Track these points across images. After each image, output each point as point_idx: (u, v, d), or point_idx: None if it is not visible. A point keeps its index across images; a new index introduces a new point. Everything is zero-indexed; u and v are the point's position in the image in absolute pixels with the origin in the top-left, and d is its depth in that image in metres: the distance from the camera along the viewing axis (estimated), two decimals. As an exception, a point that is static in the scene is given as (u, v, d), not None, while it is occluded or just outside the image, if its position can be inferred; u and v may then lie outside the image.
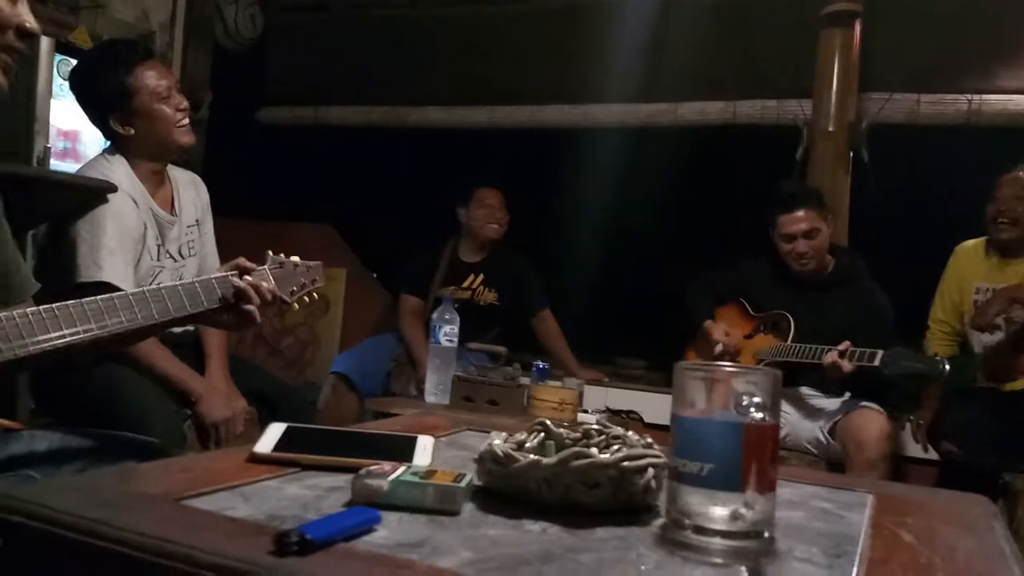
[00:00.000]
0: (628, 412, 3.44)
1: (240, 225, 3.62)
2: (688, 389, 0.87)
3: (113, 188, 1.96)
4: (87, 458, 1.40)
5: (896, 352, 2.42)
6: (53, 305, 1.15)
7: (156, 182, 2.10)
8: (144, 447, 1.48)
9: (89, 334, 1.17)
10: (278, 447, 1.01)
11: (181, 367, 1.99)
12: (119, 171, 2.01)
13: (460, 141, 4.19)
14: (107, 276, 1.90)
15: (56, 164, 2.95)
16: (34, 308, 1.14)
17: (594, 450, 0.95)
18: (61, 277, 1.91)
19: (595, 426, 1.01)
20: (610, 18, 3.85)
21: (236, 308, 1.38)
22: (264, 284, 1.44)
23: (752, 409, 0.82)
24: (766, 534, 0.83)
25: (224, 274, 1.40)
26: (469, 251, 3.47)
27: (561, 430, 1.01)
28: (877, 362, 2.44)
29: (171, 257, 2.13)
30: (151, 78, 2.00)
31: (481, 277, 3.45)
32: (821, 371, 2.59)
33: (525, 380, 2.93)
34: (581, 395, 2.79)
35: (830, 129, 3.32)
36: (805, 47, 3.41)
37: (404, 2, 4.22)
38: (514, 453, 0.90)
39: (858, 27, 3.32)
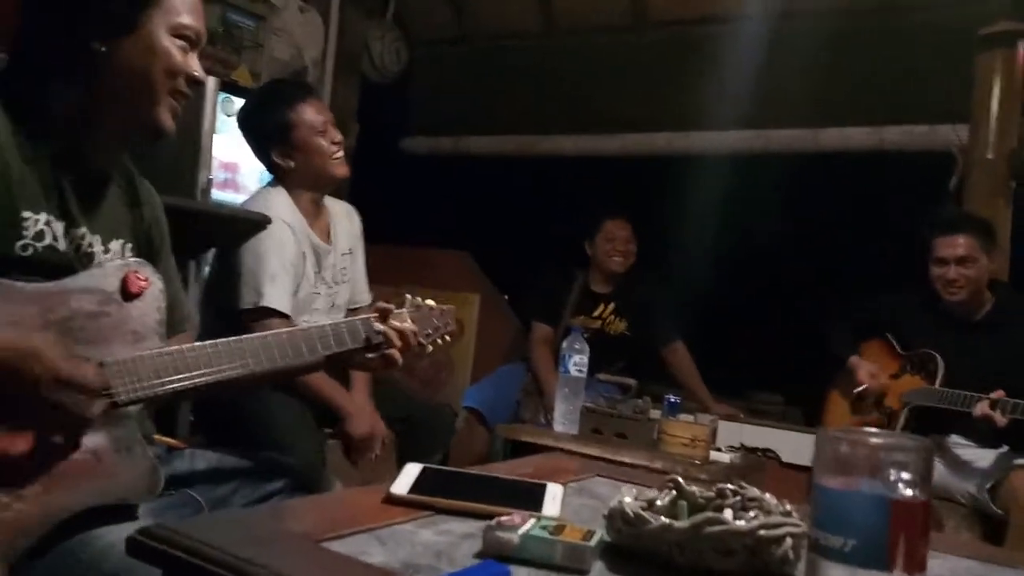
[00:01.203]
0: (764, 450, 3.33)
1: (384, 250, 3.77)
2: (831, 457, 0.83)
3: (268, 220, 2.09)
4: (239, 478, 1.49)
5: None
6: (207, 343, 1.24)
7: (314, 212, 2.23)
8: (290, 469, 1.57)
9: (229, 377, 1.25)
10: (414, 489, 1.05)
11: (334, 386, 2.09)
12: (280, 202, 2.15)
13: (591, 169, 4.21)
14: (268, 302, 2.03)
15: (217, 193, 3.18)
16: (193, 345, 1.23)
17: (728, 514, 0.92)
18: (227, 303, 2.06)
19: (730, 487, 0.98)
20: (748, 43, 3.76)
21: (378, 350, 1.44)
22: (406, 327, 1.49)
23: (901, 484, 0.78)
24: (913, 618, 0.78)
25: (368, 317, 1.46)
26: (599, 281, 3.47)
27: (693, 488, 0.99)
28: None
29: (326, 283, 2.26)
30: (310, 113, 2.14)
31: (612, 306, 3.44)
32: (973, 420, 2.42)
33: (656, 413, 2.90)
34: (714, 432, 2.73)
35: (989, 157, 3.11)
36: (961, 68, 3.22)
37: (538, 32, 4.29)
38: (644, 514, 0.89)
39: (1021, 48, 3.11)
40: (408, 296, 1.62)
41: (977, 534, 2.57)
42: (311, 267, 2.19)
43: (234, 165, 3.25)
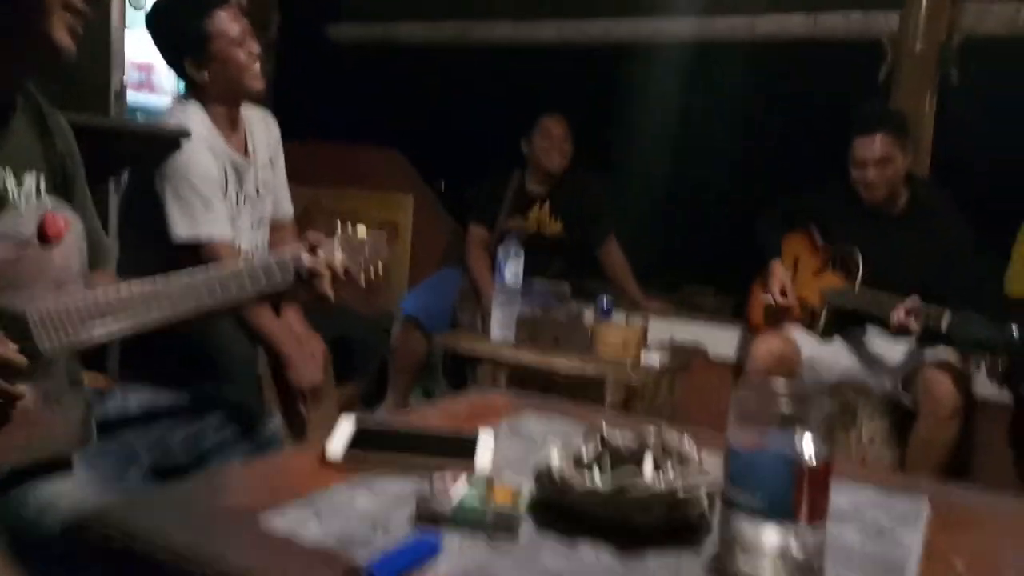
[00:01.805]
0: (694, 346, 3.44)
1: (309, 148, 3.66)
2: (743, 417, 0.87)
3: (187, 133, 2.00)
4: (174, 417, 1.50)
5: (964, 318, 2.33)
6: (133, 284, 1.21)
7: (230, 126, 2.14)
8: (226, 403, 1.58)
9: (155, 321, 1.23)
10: (349, 449, 1.07)
11: (273, 322, 2.06)
12: (195, 118, 2.05)
13: (527, 59, 4.09)
14: (208, 231, 1.98)
15: (133, 96, 3.01)
16: (119, 287, 1.20)
17: (649, 464, 0.98)
18: (148, 233, 1.99)
19: (652, 430, 1.03)
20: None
21: (309, 285, 1.43)
22: (336, 259, 1.47)
23: (805, 446, 0.83)
24: (815, 565, 0.85)
25: (296, 248, 1.43)
26: (535, 182, 3.44)
27: (616, 435, 1.03)
28: (944, 327, 2.36)
29: (249, 199, 2.20)
30: (227, 22, 2.03)
31: (547, 207, 3.44)
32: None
33: (590, 313, 2.97)
34: (645, 332, 2.81)
35: (918, 48, 3.12)
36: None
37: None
38: (570, 478, 0.93)
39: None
40: (339, 223, 1.59)
41: (887, 424, 2.75)
42: (232, 184, 2.12)
43: (148, 65, 3.07)
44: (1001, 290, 2.70)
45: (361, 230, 1.62)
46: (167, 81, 3.13)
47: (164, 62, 2.12)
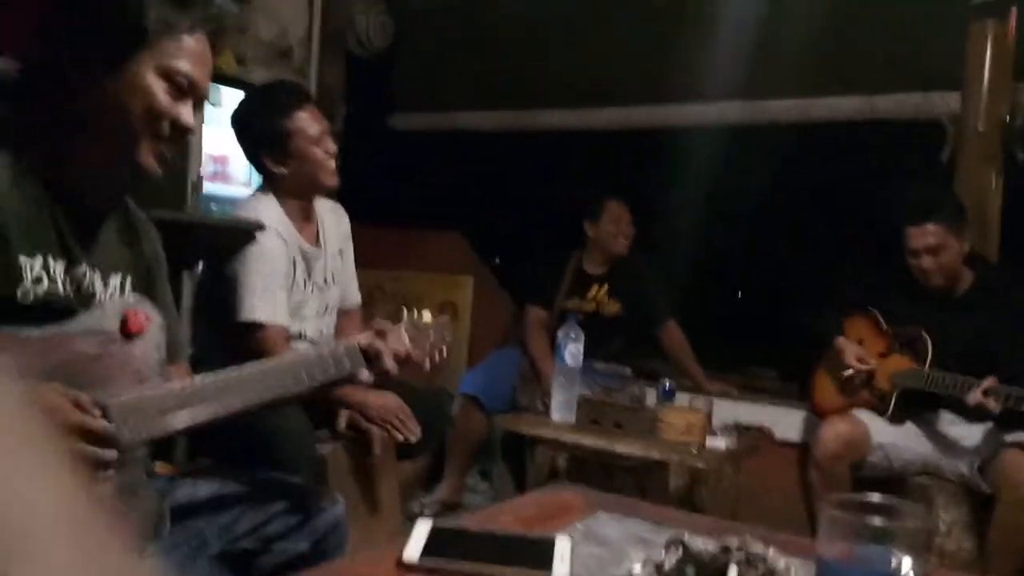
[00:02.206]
0: (758, 428, 3.37)
1: (374, 232, 3.76)
2: (834, 527, 0.86)
3: (262, 226, 2.10)
4: (241, 504, 1.52)
5: None
6: (207, 377, 1.27)
7: (303, 217, 2.25)
8: (291, 490, 1.60)
9: (230, 410, 1.27)
10: (425, 552, 1.06)
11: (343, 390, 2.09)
12: (269, 210, 2.15)
13: (583, 145, 4.18)
14: (260, 316, 2.06)
15: (208, 187, 3.16)
16: (195, 380, 1.25)
17: (734, 572, 0.96)
18: (221, 316, 2.08)
19: (735, 541, 1.00)
20: (734, 10, 3.70)
21: (375, 369, 1.46)
22: (402, 345, 1.51)
23: (899, 562, 0.81)
24: None
25: (364, 337, 1.47)
26: (594, 263, 3.48)
27: (698, 544, 1.01)
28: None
29: (317, 287, 2.27)
30: (307, 122, 2.14)
31: (605, 288, 3.46)
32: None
33: (651, 394, 2.94)
34: (709, 416, 2.77)
35: (980, 128, 3.09)
36: (954, 33, 3.17)
37: (527, 1, 4.22)
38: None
39: (1014, 15, 3.07)
40: (405, 310, 1.64)
41: (965, 511, 2.63)
42: (301, 273, 2.21)
43: (223, 157, 3.23)
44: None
45: (427, 315, 1.68)
46: (241, 172, 3.28)
47: (245, 156, 2.24)
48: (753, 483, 3.24)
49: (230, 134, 2.28)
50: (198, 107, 1.27)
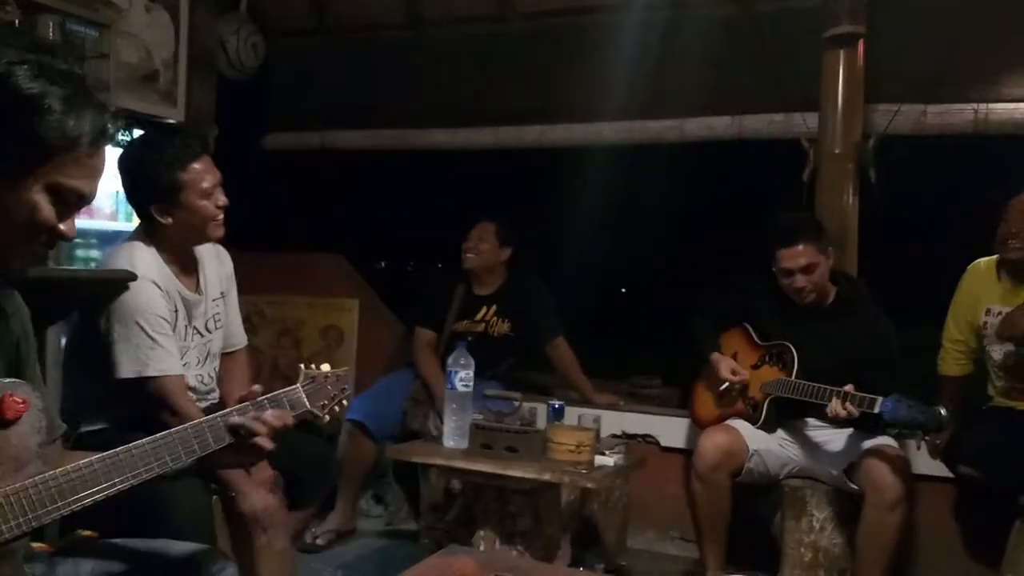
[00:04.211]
0: (645, 436, 3.50)
1: (254, 258, 3.66)
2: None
3: (133, 277, 2.01)
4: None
5: (895, 403, 2.43)
6: (88, 462, 1.22)
7: (184, 264, 2.17)
8: (178, 559, 1.54)
9: (113, 491, 1.23)
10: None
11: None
12: (146, 259, 2.07)
13: (468, 163, 4.20)
14: (154, 370, 1.99)
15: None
16: (76, 465, 1.20)
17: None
18: (100, 369, 1.99)
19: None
20: (613, 35, 3.82)
21: (248, 445, 1.42)
22: (276, 422, 1.45)
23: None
24: None
25: (219, 422, 1.40)
26: (482, 284, 3.51)
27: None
28: (877, 409, 2.47)
29: (199, 333, 2.20)
30: (200, 174, 2.06)
31: (494, 308, 3.49)
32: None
33: (542, 412, 2.99)
34: (598, 433, 2.85)
35: (836, 151, 3.31)
36: (812, 59, 3.38)
37: (404, 23, 4.20)
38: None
39: (861, 46, 3.30)
40: (302, 367, 1.60)
41: (837, 509, 2.81)
42: (182, 320, 2.13)
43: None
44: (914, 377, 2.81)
45: (324, 367, 1.65)
46: (107, 204, 3.13)
47: (126, 198, 2.13)
48: (643, 490, 3.36)
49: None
50: None
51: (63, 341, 2.24)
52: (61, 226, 1.18)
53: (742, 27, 3.63)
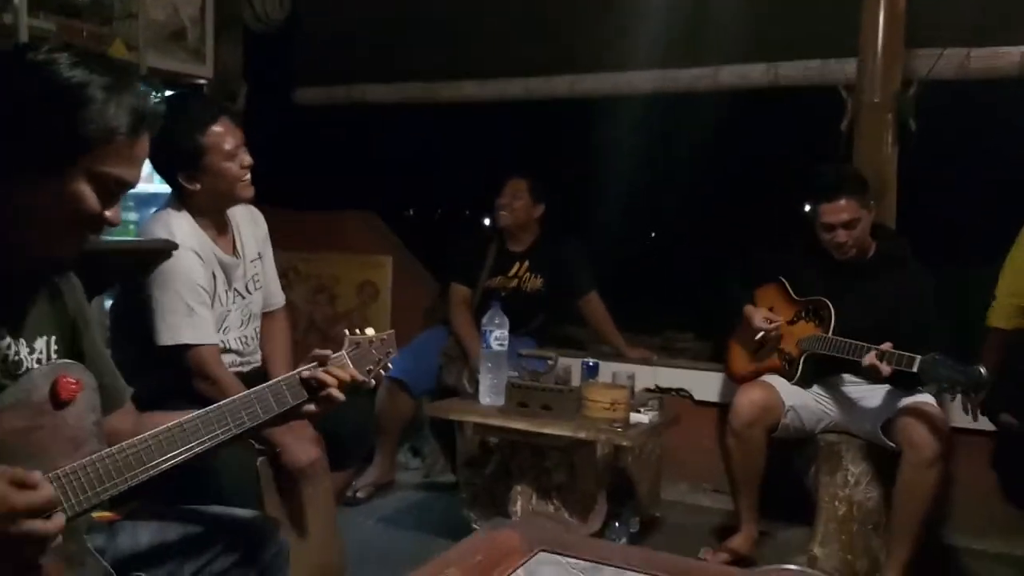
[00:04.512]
0: (678, 390, 3.51)
1: (288, 216, 3.68)
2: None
3: (175, 246, 2.03)
4: (183, 547, 1.50)
5: (932, 360, 2.40)
6: (147, 436, 1.25)
7: (218, 228, 2.19)
8: (232, 529, 1.59)
9: (171, 463, 1.26)
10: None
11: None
12: (183, 226, 2.09)
13: (498, 115, 4.15)
14: (189, 338, 2.02)
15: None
16: (132, 441, 1.23)
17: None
18: (141, 335, 2.03)
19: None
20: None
21: (322, 399, 1.46)
22: (344, 375, 1.50)
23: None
24: None
25: (296, 377, 1.46)
26: (515, 240, 3.51)
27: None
28: (915, 368, 2.44)
29: (239, 295, 2.23)
30: (221, 136, 2.07)
31: (527, 264, 3.49)
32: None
33: (576, 369, 3.01)
34: (632, 390, 2.87)
35: (876, 100, 3.22)
36: (851, 2, 3.27)
37: (432, -28, 4.12)
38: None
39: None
40: (347, 332, 1.63)
41: (872, 465, 2.82)
42: (221, 285, 2.16)
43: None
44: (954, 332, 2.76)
45: (369, 331, 1.68)
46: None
47: (155, 171, 2.15)
48: (676, 444, 3.39)
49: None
50: None
51: (107, 306, 2.29)
52: (107, 213, 1.21)
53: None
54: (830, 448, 2.88)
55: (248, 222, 2.31)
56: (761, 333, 2.89)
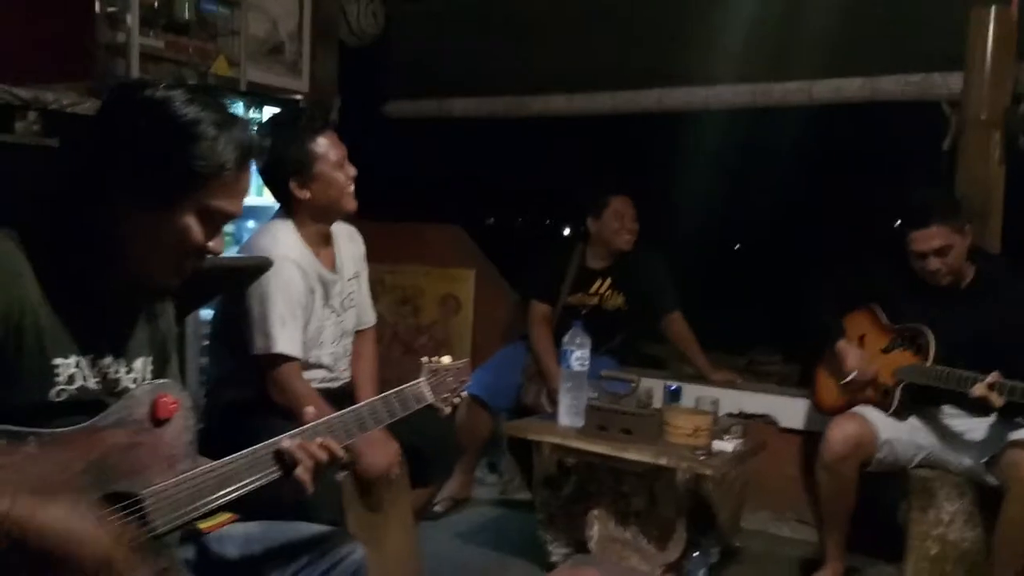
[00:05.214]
0: (763, 416, 3.41)
1: (374, 227, 3.73)
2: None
3: (269, 264, 2.10)
4: (270, 560, 1.55)
5: None
6: (238, 456, 1.29)
7: (322, 243, 2.26)
8: (313, 541, 1.63)
9: (266, 480, 1.32)
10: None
11: None
12: (288, 238, 2.17)
13: (582, 130, 4.14)
14: (278, 348, 2.08)
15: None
16: (224, 460, 1.27)
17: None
18: (239, 344, 2.11)
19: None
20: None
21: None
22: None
23: None
24: None
25: (421, 391, 1.61)
26: (597, 257, 3.48)
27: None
28: None
29: (334, 312, 2.29)
30: (328, 147, 2.16)
31: (609, 281, 3.46)
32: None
33: (658, 391, 2.96)
34: (716, 417, 2.80)
35: (982, 117, 3.06)
36: (957, 14, 3.12)
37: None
38: None
39: (1015, 1, 3.02)
40: (424, 360, 1.68)
41: (968, 503, 2.67)
42: (319, 299, 2.22)
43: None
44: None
45: (445, 359, 1.72)
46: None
47: (265, 183, 2.23)
48: (759, 471, 3.29)
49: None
50: None
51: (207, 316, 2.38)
52: (210, 244, 1.26)
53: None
54: (923, 484, 2.75)
55: (347, 241, 2.37)
56: (851, 376, 2.78)
